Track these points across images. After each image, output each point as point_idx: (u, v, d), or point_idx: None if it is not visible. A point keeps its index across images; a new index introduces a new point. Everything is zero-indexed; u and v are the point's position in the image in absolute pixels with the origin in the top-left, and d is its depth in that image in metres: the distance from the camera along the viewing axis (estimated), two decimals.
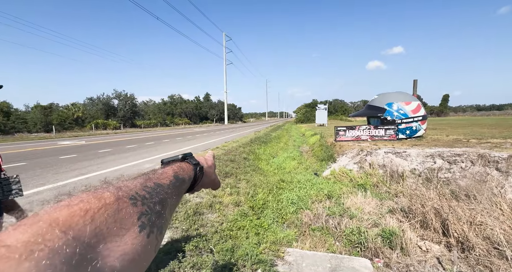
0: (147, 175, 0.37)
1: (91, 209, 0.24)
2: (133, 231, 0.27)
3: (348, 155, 6.09)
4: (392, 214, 3.50)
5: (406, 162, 4.93)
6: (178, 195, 0.40)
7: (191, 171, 0.46)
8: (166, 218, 0.34)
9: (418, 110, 6.95)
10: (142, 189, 0.32)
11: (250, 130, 22.77)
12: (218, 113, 58.24)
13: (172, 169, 0.42)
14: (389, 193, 4.33)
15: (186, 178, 0.43)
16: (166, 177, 0.39)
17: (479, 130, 9.28)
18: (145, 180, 0.35)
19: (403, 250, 2.72)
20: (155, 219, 0.31)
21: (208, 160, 0.56)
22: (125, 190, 0.30)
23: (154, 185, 0.35)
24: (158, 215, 0.32)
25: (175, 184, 0.39)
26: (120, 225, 0.26)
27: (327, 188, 4.49)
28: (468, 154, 4.30)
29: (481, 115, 46.69)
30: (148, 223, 0.29)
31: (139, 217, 0.28)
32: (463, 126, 12.88)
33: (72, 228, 0.21)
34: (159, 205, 0.32)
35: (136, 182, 0.33)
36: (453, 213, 2.98)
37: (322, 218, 3.46)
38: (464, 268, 2.38)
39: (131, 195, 0.29)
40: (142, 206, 0.30)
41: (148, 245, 0.28)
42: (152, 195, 0.32)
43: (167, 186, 0.37)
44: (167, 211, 0.35)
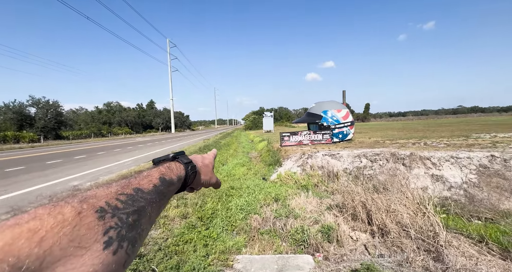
0: (128, 179, 0.35)
1: (42, 228, 0.21)
2: (96, 249, 0.24)
3: (292, 159, 6.55)
4: (330, 210, 3.91)
5: (339, 162, 5.60)
6: (164, 198, 0.37)
7: (182, 170, 0.44)
8: (144, 227, 0.31)
9: (347, 117, 8.03)
10: (115, 198, 0.29)
11: (199, 138, 22.10)
12: (164, 121, 54.65)
13: (158, 171, 0.39)
14: (327, 192, 4.83)
15: (175, 179, 0.41)
16: (149, 180, 0.36)
17: (391, 133, 11.32)
18: (123, 187, 0.32)
19: (339, 242, 3.06)
20: (127, 232, 0.27)
21: (206, 158, 0.55)
22: (92, 201, 0.27)
23: (132, 191, 0.32)
24: (132, 227, 0.28)
25: (159, 188, 0.36)
26: (79, 243, 0.23)
27: (274, 192, 4.71)
28: (384, 153, 5.18)
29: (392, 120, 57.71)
30: (116, 238, 0.26)
31: (105, 232, 0.25)
32: (380, 130, 15.48)
33: (13, 255, 0.19)
34: (134, 215, 0.29)
35: (111, 189, 0.30)
36: (375, 204, 3.52)
37: (270, 221, 3.61)
38: (383, 250, 2.84)
39: (98, 207, 0.26)
40: (112, 218, 0.27)
41: (113, 263, 0.25)
42: (127, 204, 0.29)
43: (149, 192, 0.34)
44: (145, 219, 0.31)
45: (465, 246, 2.55)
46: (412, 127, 17.34)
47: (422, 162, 4.67)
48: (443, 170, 4.37)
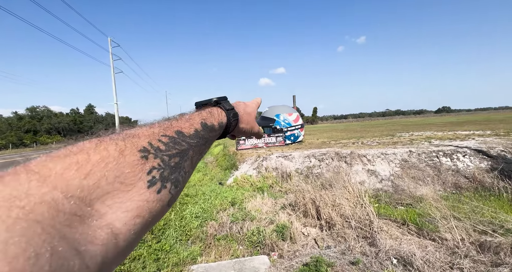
0: (170, 121, 0.34)
1: (89, 162, 0.22)
2: (140, 186, 0.24)
3: (248, 162, 6.66)
4: (284, 209, 4.11)
5: (292, 163, 5.95)
6: (205, 143, 0.37)
7: (224, 117, 0.43)
8: (186, 170, 0.31)
9: (298, 120, 8.61)
10: (157, 139, 0.29)
11: None
12: (107, 127, 48.66)
13: (200, 116, 0.38)
14: (281, 192, 5.06)
15: (216, 125, 0.40)
16: (191, 124, 0.35)
17: (336, 134, 12.61)
18: (165, 129, 0.31)
19: (292, 239, 3.24)
20: (169, 173, 0.28)
21: (248, 106, 0.52)
22: (135, 140, 0.27)
23: (174, 134, 0.31)
24: (174, 168, 0.29)
25: (200, 133, 0.35)
26: (123, 180, 0.23)
27: (231, 196, 4.71)
28: (329, 153, 5.73)
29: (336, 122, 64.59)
30: (159, 178, 0.26)
31: (149, 171, 0.26)
32: (326, 131, 17.08)
33: (64, 184, 0.19)
34: (177, 157, 0.30)
35: (154, 130, 0.30)
36: (322, 200, 3.85)
37: (227, 226, 3.60)
38: (330, 242, 3.12)
39: (141, 147, 0.26)
40: (155, 159, 0.27)
41: (158, 201, 0.26)
42: (169, 146, 0.29)
43: (191, 136, 0.33)
44: (187, 163, 0.32)
45: (392, 230, 3.01)
46: (352, 128, 19.66)
47: (360, 159, 5.33)
48: (376, 165, 5.07)
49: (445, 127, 13.47)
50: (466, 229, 2.79)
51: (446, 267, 2.27)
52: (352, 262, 2.50)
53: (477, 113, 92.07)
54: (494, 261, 2.25)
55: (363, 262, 2.49)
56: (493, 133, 7.83)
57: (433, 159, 4.87)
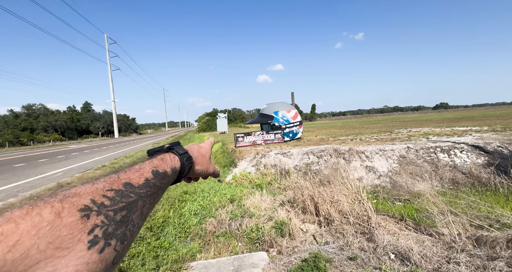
0: (118, 173, 0.33)
1: (16, 232, 0.20)
2: (79, 249, 0.23)
3: (246, 159, 6.66)
4: (282, 206, 4.12)
5: (290, 160, 5.96)
6: (157, 191, 0.36)
7: (177, 162, 0.43)
8: (136, 222, 0.30)
9: (296, 117, 8.60)
10: (102, 194, 0.28)
11: (147, 143, 20.47)
12: (105, 125, 48.68)
13: (151, 164, 0.38)
14: (280, 188, 5.08)
15: (169, 172, 0.40)
16: (141, 174, 0.35)
17: (334, 131, 12.62)
18: (111, 182, 0.31)
19: (291, 235, 3.26)
20: (115, 229, 0.27)
21: (202, 148, 0.53)
22: (74, 200, 0.25)
23: (122, 186, 0.31)
24: (121, 223, 0.28)
25: (151, 182, 0.35)
26: (59, 245, 0.22)
27: (230, 193, 4.72)
28: (328, 149, 5.74)
29: (335, 119, 64.76)
30: (102, 236, 0.25)
31: (90, 230, 0.24)
32: (325, 128, 17.10)
33: None
34: (123, 211, 0.29)
35: (98, 186, 0.29)
36: (321, 196, 3.86)
37: (226, 223, 3.61)
38: (329, 238, 3.15)
39: (82, 206, 0.25)
40: (98, 216, 0.26)
41: (100, 261, 0.24)
42: (116, 200, 0.28)
43: (140, 186, 0.33)
44: (136, 214, 0.30)
45: (390, 225, 3.03)
46: (350, 125, 19.69)
47: (358, 155, 5.34)
48: (374, 162, 5.09)
49: (442, 123, 13.53)
50: (462, 224, 2.81)
51: (443, 261, 2.29)
52: (350, 258, 2.52)
53: (475, 109, 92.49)
54: (490, 255, 2.28)
55: (361, 258, 2.51)
56: (490, 128, 7.88)
57: (431, 155, 4.89)
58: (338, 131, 12.43)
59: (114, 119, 43.61)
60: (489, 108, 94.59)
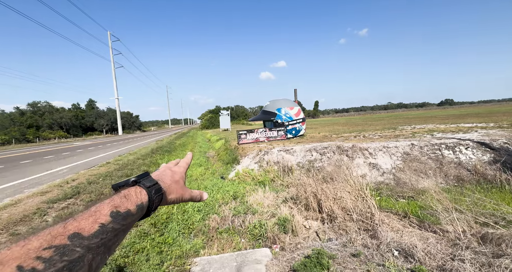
0: (65, 222, 0.29)
1: None
2: None
3: (249, 156, 6.66)
4: (285, 203, 4.13)
5: (293, 157, 5.94)
6: (117, 235, 0.33)
7: (144, 196, 0.39)
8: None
9: (299, 114, 8.55)
10: (35, 256, 0.24)
11: (151, 140, 20.60)
12: (109, 122, 49.10)
13: (110, 204, 0.34)
14: (282, 185, 5.08)
15: (132, 210, 0.36)
16: (95, 220, 0.30)
17: (337, 128, 12.55)
18: (53, 236, 0.26)
19: (294, 232, 3.26)
20: None
21: (176, 173, 0.49)
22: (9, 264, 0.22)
23: (67, 240, 0.27)
24: None
25: (107, 227, 0.31)
26: None
27: (233, 190, 4.74)
28: (331, 146, 5.70)
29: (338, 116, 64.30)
30: None
31: None
32: (328, 125, 17.01)
33: None
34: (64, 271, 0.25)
35: (32, 245, 0.25)
36: (324, 193, 3.85)
37: (229, 219, 3.63)
38: (332, 234, 3.14)
39: None
40: None
41: None
42: (53, 260, 0.24)
43: (92, 234, 0.29)
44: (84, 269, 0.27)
45: (394, 222, 3.02)
46: (353, 122, 19.55)
47: (361, 152, 5.31)
48: (378, 159, 5.05)
49: (447, 119, 13.35)
50: (467, 221, 2.79)
51: (447, 258, 2.28)
52: (354, 254, 2.52)
53: (480, 105, 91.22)
54: (495, 252, 2.25)
55: (364, 254, 2.50)
56: (496, 125, 7.76)
57: (435, 152, 4.84)
58: (341, 128, 12.36)
59: (118, 116, 43.91)
60: (495, 104, 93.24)
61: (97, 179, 5.81)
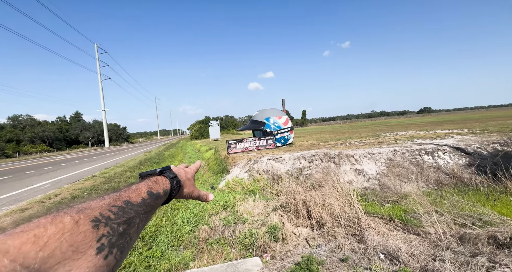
0: (119, 192, 0.37)
1: (45, 235, 0.24)
2: (89, 254, 0.27)
3: (239, 165, 6.68)
4: (275, 211, 4.16)
5: (282, 165, 6.02)
6: (151, 210, 0.40)
7: (168, 185, 0.47)
8: (132, 236, 0.34)
9: (287, 123, 8.73)
10: (108, 209, 0.32)
11: (139, 151, 20.16)
12: (95, 135, 47.73)
13: (146, 185, 0.42)
14: (272, 194, 5.12)
15: (161, 193, 0.44)
16: (138, 194, 0.39)
17: (324, 136, 12.84)
18: (115, 199, 0.35)
19: (284, 240, 3.29)
20: (117, 239, 0.31)
21: (188, 173, 0.57)
22: (88, 212, 0.30)
23: (123, 203, 0.35)
24: (121, 235, 0.32)
25: (147, 201, 0.39)
26: (76, 248, 0.26)
27: (223, 199, 4.72)
28: (318, 154, 5.85)
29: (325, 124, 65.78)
30: (107, 245, 0.29)
31: (98, 239, 0.29)
32: (315, 133, 17.36)
33: (22, 256, 0.22)
34: (124, 224, 0.33)
35: (105, 201, 0.33)
36: (313, 200, 3.93)
37: (219, 230, 3.61)
38: (321, 240, 3.20)
39: (93, 217, 0.30)
40: (105, 227, 0.30)
41: (104, 266, 0.28)
42: (118, 215, 0.33)
43: (138, 204, 0.37)
44: (134, 229, 0.35)
45: (380, 226, 3.12)
46: (340, 130, 20.07)
47: (348, 159, 5.47)
48: (363, 165, 5.22)
49: (426, 126, 13.99)
50: (447, 222, 2.93)
51: (429, 259, 2.38)
52: (342, 259, 2.58)
53: (455, 113, 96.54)
54: (472, 252, 2.38)
55: (352, 259, 2.57)
56: (469, 131, 8.23)
57: (416, 157, 5.07)
58: (328, 136, 12.66)
59: (105, 128, 42.79)
60: (468, 111, 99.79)
61: (81, 194, 5.62)
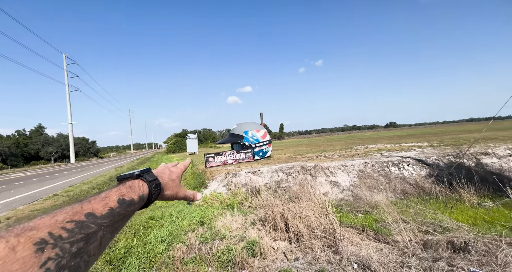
0: (82, 203, 0.34)
1: None
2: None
3: (217, 179, 6.59)
4: (254, 225, 4.13)
5: (261, 178, 6.06)
6: (122, 219, 0.38)
7: (145, 189, 0.44)
8: (92, 253, 0.31)
9: (266, 136, 8.90)
10: (61, 226, 0.29)
11: (109, 167, 18.93)
12: (59, 149, 43.95)
13: (118, 192, 0.39)
14: (251, 207, 5.09)
15: (135, 200, 0.41)
16: (105, 204, 0.36)
17: (301, 149, 13.25)
18: (73, 213, 0.31)
19: (262, 254, 3.26)
20: (68, 261, 0.28)
21: (173, 173, 0.53)
22: (31, 234, 0.26)
23: (84, 217, 0.32)
24: (75, 255, 0.29)
25: (115, 211, 0.36)
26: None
27: (200, 215, 4.58)
28: (296, 166, 6.00)
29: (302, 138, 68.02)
30: (55, 269, 0.26)
31: (42, 264, 0.25)
32: (293, 146, 17.85)
33: None
34: (80, 242, 0.30)
35: (59, 217, 0.30)
36: (290, 213, 3.98)
37: (195, 248, 3.47)
38: (298, 253, 3.22)
39: (38, 239, 0.26)
40: (53, 249, 0.27)
41: None
42: (73, 232, 0.30)
43: (103, 216, 0.34)
44: (95, 244, 0.32)
45: (353, 237, 3.25)
46: (315, 143, 20.87)
47: (323, 171, 5.69)
48: (338, 177, 5.46)
49: (392, 140, 15.12)
50: (412, 230, 3.15)
51: (398, 266, 2.52)
52: (318, 271, 2.63)
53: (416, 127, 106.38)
54: (434, 257, 2.58)
55: (328, 270, 2.62)
56: (429, 144, 9.07)
57: (384, 168, 5.45)
58: (304, 148, 13.07)
59: (71, 142, 39.63)
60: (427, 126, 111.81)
61: None
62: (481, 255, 2.44)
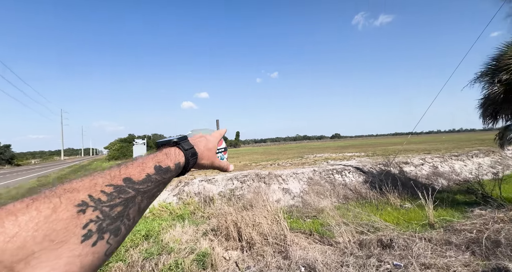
0: (119, 168, 0.34)
1: (16, 224, 0.22)
2: (73, 242, 0.25)
3: (167, 188, 6.18)
4: (206, 235, 3.99)
5: (215, 186, 5.94)
6: (159, 186, 0.37)
7: (182, 157, 0.43)
8: (131, 217, 0.32)
9: (221, 143, 8.72)
10: (100, 190, 0.29)
11: (28, 177, 15.78)
12: None
13: (154, 159, 0.39)
14: (203, 217, 4.92)
15: (172, 167, 0.40)
16: (142, 169, 0.35)
17: (256, 157, 13.58)
18: (112, 177, 0.32)
19: (213, 266, 3.16)
20: (109, 223, 0.28)
21: (210, 142, 0.52)
22: (72, 195, 0.27)
23: (122, 182, 0.32)
24: (116, 218, 0.29)
25: (152, 177, 0.36)
26: (55, 237, 0.24)
27: (145, 228, 4.21)
28: (250, 174, 6.10)
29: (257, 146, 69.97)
30: (96, 231, 0.27)
31: (85, 225, 0.26)
32: (248, 154, 18.17)
33: None
34: (120, 206, 0.30)
35: (97, 180, 0.30)
36: (244, 221, 3.99)
37: (138, 265, 3.15)
38: (250, 262, 3.24)
39: (80, 201, 0.27)
40: (94, 211, 0.27)
41: (92, 253, 0.26)
42: (113, 196, 0.30)
43: (140, 181, 0.34)
44: (134, 209, 0.32)
45: (302, 241, 3.44)
46: (270, 151, 21.70)
47: (276, 179, 5.92)
48: (289, 184, 5.75)
49: (337, 149, 16.84)
50: (351, 231, 3.52)
51: (338, 266, 2.77)
52: None
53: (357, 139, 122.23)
54: (367, 254, 2.92)
55: None
56: (365, 154, 10.42)
57: (330, 176, 6.00)
58: (259, 157, 13.42)
59: None
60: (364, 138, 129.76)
61: None
62: (401, 250, 2.88)
